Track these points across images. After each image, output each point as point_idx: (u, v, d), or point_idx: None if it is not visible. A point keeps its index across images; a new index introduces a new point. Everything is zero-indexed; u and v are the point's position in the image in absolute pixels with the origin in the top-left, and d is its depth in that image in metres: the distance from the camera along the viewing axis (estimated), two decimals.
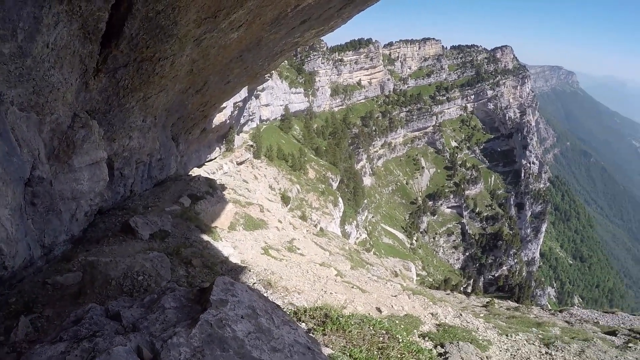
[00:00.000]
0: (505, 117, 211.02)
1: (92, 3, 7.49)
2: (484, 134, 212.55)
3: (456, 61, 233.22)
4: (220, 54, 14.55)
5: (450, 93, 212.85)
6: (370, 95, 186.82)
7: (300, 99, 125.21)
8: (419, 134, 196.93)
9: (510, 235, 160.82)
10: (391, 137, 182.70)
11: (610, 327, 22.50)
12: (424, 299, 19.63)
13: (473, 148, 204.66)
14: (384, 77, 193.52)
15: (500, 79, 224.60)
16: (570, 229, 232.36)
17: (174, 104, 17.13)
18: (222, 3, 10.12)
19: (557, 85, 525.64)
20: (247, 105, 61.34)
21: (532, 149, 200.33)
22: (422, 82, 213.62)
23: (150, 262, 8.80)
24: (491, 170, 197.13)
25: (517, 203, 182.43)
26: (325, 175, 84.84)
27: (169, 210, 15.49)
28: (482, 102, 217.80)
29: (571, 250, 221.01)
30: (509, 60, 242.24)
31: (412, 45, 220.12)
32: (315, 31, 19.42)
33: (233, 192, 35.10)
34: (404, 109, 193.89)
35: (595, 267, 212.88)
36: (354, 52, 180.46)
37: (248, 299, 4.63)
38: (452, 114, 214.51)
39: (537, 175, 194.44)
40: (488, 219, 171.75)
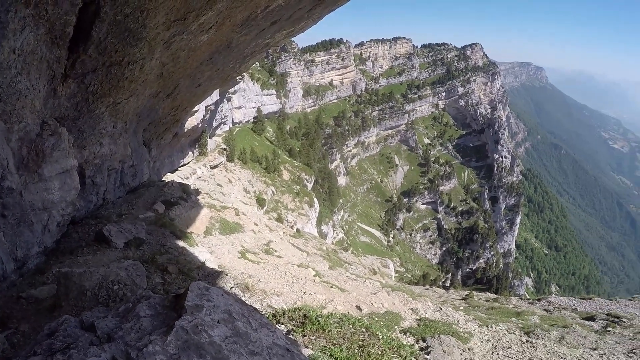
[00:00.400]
0: (476, 113, 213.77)
1: (59, 7, 7.31)
2: (456, 130, 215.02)
3: (427, 59, 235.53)
4: (190, 56, 14.39)
5: (422, 91, 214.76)
6: (342, 95, 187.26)
7: (272, 101, 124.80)
8: (391, 132, 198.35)
9: (486, 229, 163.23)
10: (364, 136, 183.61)
11: (588, 312, 22.98)
12: (403, 295, 19.72)
13: (446, 144, 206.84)
14: (355, 76, 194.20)
15: (471, 76, 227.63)
16: (544, 220, 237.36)
17: (144, 109, 16.88)
18: (192, 5, 10.01)
19: (527, 80, 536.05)
20: (219, 108, 60.92)
21: (504, 143, 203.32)
22: (394, 80, 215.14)
23: (125, 270, 8.61)
24: (464, 165, 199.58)
25: (491, 197, 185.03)
26: (299, 177, 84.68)
27: (143, 217, 15.26)
28: (454, 99, 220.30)
29: (546, 240, 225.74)
30: (479, 58, 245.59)
31: (383, 44, 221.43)
32: (285, 32, 19.36)
33: (208, 196, 34.85)
34: (376, 108, 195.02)
35: (570, 255, 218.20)
36: (325, 52, 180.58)
37: (224, 303, 4.56)
38: (424, 111, 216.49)
39: (509, 168, 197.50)
40: (463, 214, 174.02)
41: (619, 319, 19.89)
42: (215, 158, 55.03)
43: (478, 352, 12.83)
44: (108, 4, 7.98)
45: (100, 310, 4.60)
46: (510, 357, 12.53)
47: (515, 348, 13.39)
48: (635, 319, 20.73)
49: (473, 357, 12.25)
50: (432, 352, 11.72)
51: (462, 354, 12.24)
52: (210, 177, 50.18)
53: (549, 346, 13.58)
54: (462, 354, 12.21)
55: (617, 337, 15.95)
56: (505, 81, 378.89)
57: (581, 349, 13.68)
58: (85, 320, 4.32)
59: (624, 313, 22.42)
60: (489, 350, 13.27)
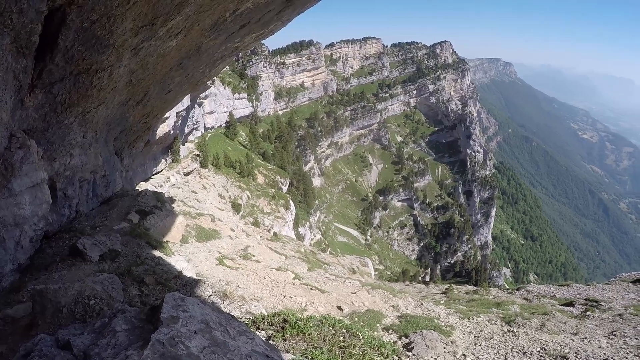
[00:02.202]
0: (447, 110, 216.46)
1: (24, 15, 7.09)
2: (428, 127, 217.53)
3: (397, 58, 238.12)
4: (159, 62, 14.18)
5: (393, 90, 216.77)
6: (314, 97, 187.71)
7: (244, 105, 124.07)
8: (364, 131, 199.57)
9: (462, 222, 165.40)
10: (337, 136, 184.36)
11: (567, 299, 23.28)
12: (384, 293, 19.75)
13: (418, 141, 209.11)
14: (326, 77, 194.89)
15: (441, 73, 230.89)
16: (518, 211, 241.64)
17: (114, 117, 16.59)
18: (159, 10, 9.84)
19: (496, 76, 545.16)
20: (191, 114, 60.30)
21: (476, 138, 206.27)
22: (365, 80, 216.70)
23: (101, 284, 8.41)
24: (438, 161, 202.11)
25: (465, 191, 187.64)
26: (274, 180, 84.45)
27: (117, 228, 14.97)
28: (425, 96, 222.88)
29: (522, 230, 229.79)
30: (448, 55, 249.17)
31: (353, 44, 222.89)
32: (255, 35, 19.26)
33: (182, 204, 34.47)
34: (348, 108, 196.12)
35: (546, 244, 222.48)
36: (295, 54, 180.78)
37: (200, 313, 4.52)
38: (396, 110, 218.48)
39: (482, 162, 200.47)
40: (439, 209, 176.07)
41: (598, 303, 20.21)
42: (188, 165, 54.46)
43: (461, 345, 12.88)
44: (74, 11, 7.79)
45: (77, 327, 4.53)
46: (492, 348, 12.59)
47: (498, 338, 13.47)
48: (614, 302, 21.13)
49: (456, 349, 12.30)
50: (415, 347, 11.76)
51: (445, 347, 12.29)
52: (185, 184, 49.62)
53: (531, 334, 13.70)
54: (445, 348, 12.26)
55: (597, 321, 16.18)
56: (475, 77, 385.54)
57: (562, 335, 13.82)
58: (60, 338, 4.26)
59: (602, 297, 22.80)
60: (471, 342, 13.33)
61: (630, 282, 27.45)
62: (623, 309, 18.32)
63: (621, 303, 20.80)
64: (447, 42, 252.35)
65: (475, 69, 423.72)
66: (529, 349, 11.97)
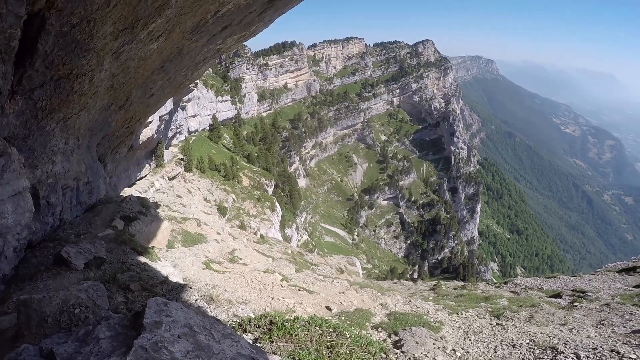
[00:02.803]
0: (431, 108, 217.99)
1: (2, 20, 6.95)
2: (411, 125, 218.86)
3: (380, 58, 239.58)
4: (140, 66, 14.03)
5: (376, 89, 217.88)
6: (297, 98, 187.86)
7: (227, 107, 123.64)
8: (348, 131, 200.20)
9: (448, 219, 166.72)
10: (321, 137, 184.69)
11: (554, 290, 23.49)
12: (372, 291, 19.83)
13: (402, 140, 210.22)
14: (309, 78, 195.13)
15: (424, 71, 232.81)
16: (503, 206, 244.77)
17: (96, 123, 16.38)
18: (140, 13, 9.73)
19: (478, 73, 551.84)
20: (174, 118, 59.92)
21: (459, 135, 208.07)
22: (348, 80, 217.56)
23: (86, 292, 8.29)
24: (422, 159, 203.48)
25: (450, 188, 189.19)
26: (259, 182, 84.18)
27: (102, 235, 14.77)
28: (408, 95, 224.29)
29: (507, 225, 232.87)
30: (430, 54, 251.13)
31: (335, 45, 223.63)
32: (237, 37, 19.14)
33: (167, 209, 34.27)
34: (331, 108, 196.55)
35: (532, 237, 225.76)
36: (278, 55, 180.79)
37: (184, 317, 4.48)
38: (380, 109, 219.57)
39: (466, 159, 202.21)
40: (424, 206, 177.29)
41: (585, 294, 20.41)
42: (172, 169, 54.00)
43: (450, 340, 12.89)
44: (53, 15, 7.66)
45: (60, 336, 4.47)
46: (482, 341, 12.62)
47: (487, 332, 13.50)
48: (600, 292, 21.37)
49: (446, 345, 12.30)
50: (405, 344, 11.72)
51: (435, 343, 12.28)
52: (169, 189, 49.23)
53: (519, 326, 13.77)
54: (435, 343, 12.25)
55: (585, 311, 16.32)
56: (458, 75, 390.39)
57: (551, 326, 13.91)
58: (44, 347, 4.21)
59: (589, 287, 23.06)
60: (460, 336, 13.36)
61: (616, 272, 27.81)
62: (610, 299, 18.50)
63: (608, 293, 21.05)
64: (429, 41, 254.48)
65: (457, 67, 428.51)
66: (518, 341, 12.01)
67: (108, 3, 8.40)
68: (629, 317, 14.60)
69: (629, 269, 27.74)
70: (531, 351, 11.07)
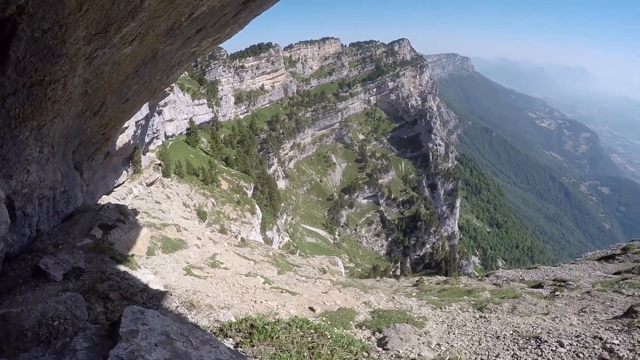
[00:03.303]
0: (407, 106, 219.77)
1: None
2: (389, 123, 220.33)
3: (356, 57, 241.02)
4: (114, 71, 13.79)
5: (353, 89, 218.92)
6: (274, 99, 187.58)
7: (204, 110, 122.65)
8: (326, 131, 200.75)
9: (428, 215, 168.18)
10: (299, 137, 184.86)
11: (535, 281, 23.87)
12: (355, 290, 19.96)
13: (380, 138, 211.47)
14: (286, 79, 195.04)
15: (400, 70, 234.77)
16: (482, 200, 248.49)
17: (71, 130, 16.06)
18: (112, 17, 9.53)
19: (454, 70, 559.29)
20: (150, 123, 59.25)
21: (437, 132, 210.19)
22: (325, 80, 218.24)
23: (64, 304, 8.08)
24: (400, 157, 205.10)
25: (429, 184, 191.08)
26: (238, 185, 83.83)
27: (80, 245, 14.50)
28: (384, 94, 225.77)
29: (487, 219, 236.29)
30: (406, 52, 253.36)
31: (312, 45, 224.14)
32: (212, 39, 18.96)
33: (146, 215, 33.96)
34: (309, 109, 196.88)
35: (512, 230, 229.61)
36: (254, 57, 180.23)
37: (160, 324, 4.45)
38: (357, 108, 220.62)
39: (444, 155, 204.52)
40: (404, 203, 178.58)
41: (566, 283, 20.72)
42: (150, 175, 53.43)
43: (435, 335, 13.01)
44: (25, 20, 7.45)
45: (38, 350, 4.52)
46: (466, 335, 12.72)
47: (470, 325, 13.63)
48: (581, 280, 21.74)
49: (430, 340, 12.39)
50: (390, 341, 11.79)
51: (420, 338, 12.38)
52: (148, 195, 48.70)
53: (502, 318, 13.91)
54: (420, 339, 12.35)
55: (566, 300, 16.52)
56: (434, 73, 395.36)
57: (533, 316, 14.07)
58: None
59: (570, 276, 23.48)
60: (445, 331, 13.49)
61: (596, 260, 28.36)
62: (590, 286, 18.79)
63: (588, 281, 21.42)
64: (405, 40, 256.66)
65: (433, 65, 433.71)
66: (501, 333, 12.12)
67: (80, 7, 8.21)
68: (609, 304, 14.82)
69: (608, 257, 28.31)
70: (515, 342, 11.17)
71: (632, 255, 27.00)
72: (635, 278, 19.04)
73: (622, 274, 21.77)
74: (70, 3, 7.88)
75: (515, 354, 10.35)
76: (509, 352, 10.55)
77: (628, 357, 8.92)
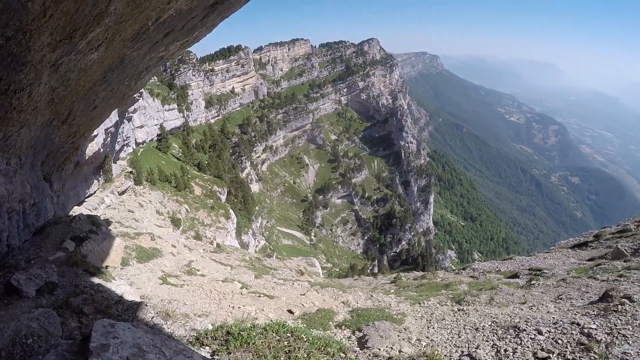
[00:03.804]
0: (378, 105, 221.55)
1: None
2: (360, 123, 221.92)
3: (326, 58, 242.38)
4: (81, 78, 13.46)
5: (324, 89, 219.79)
6: (245, 102, 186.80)
7: (175, 116, 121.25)
8: (298, 133, 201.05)
9: (402, 212, 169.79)
10: (271, 140, 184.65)
11: (511, 271, 24.25)
12: (333, 290, 20.02)
13: (352, 138, 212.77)
14: (256, 82, 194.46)
15: (370, 69, 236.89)
16: (456, 195, 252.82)
17: (39, 140, 15.64)
18: (77, 22, 9.26)
19: (424, 69, 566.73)
20: (120, 130, 58.29)
21: (408, 129, 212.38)
22: (295, 82, 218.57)
23: (37, 321, 7.85)
24: (373, 155, 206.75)
25: (402, 181, 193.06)
26: (211, 190, 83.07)
27: (53, 258, 14.13)
28: (355, 93, 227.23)
29: (461, 213, 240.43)
30: (376, 52, 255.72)
31: (281, 47, 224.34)
32: (180, 43, 18.70)
33: (119, 225, 33.47)
34: (280, 111, 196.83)
35: (486, 223, 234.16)
36: (224, 60, 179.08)
37: (132, 337, 4.38)
38: (328, 109, 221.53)
39: (416, 152, 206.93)
40: (379, 202, 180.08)
41: (541, 271, 21.03)
42: (122, 183, 52.55)
43: (414, 330, 13.05)
44: None
45: None
46: (445, 328, 12.79)
47: (449, 318, 13.72)
48: (556, 268, 22.13)
49: (410, 336, 12.43)
50: (370, 340, 11.82)
51: (399, 335, 12.42)
52: (120, 204, 47.90)
53: (481, 310, 14.02)
54: (400, 335, 12.38)
55: (542, 288, 16.72)
56: (403, 71, 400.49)
57: (511, 306, 14.20)
58: None
59: (545, 265, 23.90)
60: (424, 325, 13.54)
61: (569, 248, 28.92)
62: (566, 274, 19.05)
63: (563, 268, 21.78)
64: (374, 39, 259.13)
65: (403, 64, 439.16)
66: (480, 324, 12.19)
67: (44, 13, 7.95)
68: (585, 290, 15.01)
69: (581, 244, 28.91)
70: (494, 332, 11.24)
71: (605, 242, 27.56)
72: (608, 263, 19.36)
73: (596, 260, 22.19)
74: (35, 9, 7.63)
75: (495, 344, 10.39)
76: (488, 343, 10.59)
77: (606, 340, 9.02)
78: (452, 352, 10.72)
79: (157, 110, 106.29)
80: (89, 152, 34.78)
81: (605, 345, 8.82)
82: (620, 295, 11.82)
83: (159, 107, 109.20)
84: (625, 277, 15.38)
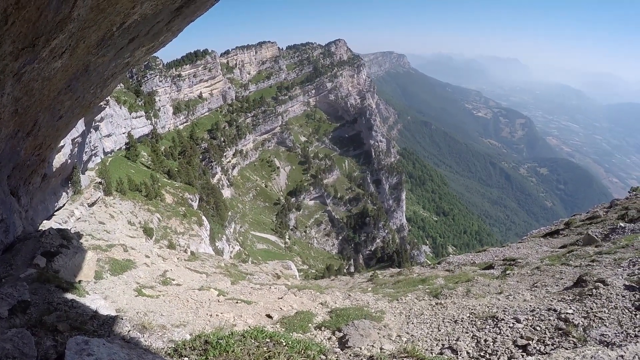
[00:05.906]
0: (347, 105, 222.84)
1: None
2: (330, 124, 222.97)
3: (293, 60, 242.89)
4: (45, 87, 13.04)
5: (292, 91, 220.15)
6: (213, 107, 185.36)
7: (142, 123, 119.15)
8: (267, 136, 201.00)
9: (375, 210, 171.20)
10: (241, 144, 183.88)
11: (486, 262, 24.66)
12: (311, 292, 20.12)
13: (322, 139, 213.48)
14: (224, 86, 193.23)
15: (337, 70, 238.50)
16: (427, 191, 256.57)
17: (4, 153, 15.12)
18: (40, 29, 8.92)
19: (391, 68, 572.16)
20: (87, 140, 57.08)
21: (377, 128, 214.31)
22: (263, 85, 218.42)
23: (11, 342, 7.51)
24: (343, 156, 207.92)
25: (374, 180, 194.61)
26: (183, 197, 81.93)
27: (24, 276, 13.66)
28: (323, 94, 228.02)
29: (433, 208, 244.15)
30: (343, 52, 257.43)
31: (248, 50, 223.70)
32: (145, 48, 18.34)
33: (91, 237, 32.67)
34: (249, 114, 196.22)
35: (458, 217, 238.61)
36: (191, 65, 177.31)
37: (107, 353, 4.28)
38: (297, 111, 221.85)
39: (386, 151, 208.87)
40: (351, 201, 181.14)
41: (515, 261, 21.45)
42: (91, 194, 51.36)
43: (394, 327, 13.18)
44: None
45: None
46: (424, 323, 12.92)
47: (428, 313, 13.88)
48: (529, 257, 22.61)
49: (390, 332, 12.53)
50: (350, 339, 11.86)
51: (379, 332, 12.54)
52: (91, 216, 46.83)
53: (458, 302, 14.21)
54: (380, 332, 12.51)
55: (518, 277, 17.03)
56: (371, 71, 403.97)
57: (488, 297, 14.42)
58: None
59: (518, 255, 24.41)
60: (403, 321, 13.68)
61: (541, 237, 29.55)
62: (539, 262, 19.45)
63: (536, 257, 22.25)
64: (341, 40, 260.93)
65: (370, 63, 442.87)
66: (459, 317, 12.36)
67: (5, 20, 7.62)
68: (559, 276, 15.36)
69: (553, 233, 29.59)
70: (473, 323, 11.40)
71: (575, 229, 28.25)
72: (580, 249, 19.79)
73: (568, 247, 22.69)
74: None
75: (475, 335, 10.52)
76: (468, 335, 10.73)
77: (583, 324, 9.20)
78: (433, 346, 10.81)
79: (125, 118, 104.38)
80: (57, 164, 33.92)
81: (583, 329, 8.97)
82: (594, 279, 12.08)
83: (127, 115, 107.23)
84: (598, 261, 15.75)
